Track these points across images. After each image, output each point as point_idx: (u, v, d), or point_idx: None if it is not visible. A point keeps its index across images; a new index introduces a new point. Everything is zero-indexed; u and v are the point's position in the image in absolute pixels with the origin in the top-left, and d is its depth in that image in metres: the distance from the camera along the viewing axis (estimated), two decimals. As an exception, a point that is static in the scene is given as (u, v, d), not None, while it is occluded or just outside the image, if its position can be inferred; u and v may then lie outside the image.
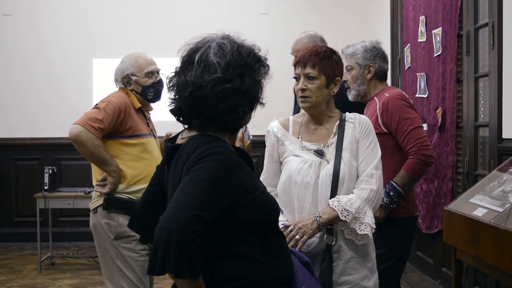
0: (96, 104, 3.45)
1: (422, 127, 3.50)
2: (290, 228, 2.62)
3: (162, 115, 4.03)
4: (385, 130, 3.44)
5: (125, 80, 3.58)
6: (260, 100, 2.05)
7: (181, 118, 2.04)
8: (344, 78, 3.65)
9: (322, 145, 2.72)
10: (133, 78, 3.56)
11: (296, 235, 2.59)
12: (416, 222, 3.74)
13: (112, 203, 3.41)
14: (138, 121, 3.53)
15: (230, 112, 1.93)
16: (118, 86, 3.62)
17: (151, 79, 3.57)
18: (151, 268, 1.73)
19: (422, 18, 5.62)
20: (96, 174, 3.52)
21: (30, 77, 7.75)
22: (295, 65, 2.78)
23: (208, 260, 1.89)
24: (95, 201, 3.49)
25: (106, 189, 3.41)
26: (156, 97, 3.64)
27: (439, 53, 5.19)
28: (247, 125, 5.44)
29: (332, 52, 2.79)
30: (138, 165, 3.46)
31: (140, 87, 3.57)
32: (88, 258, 6.67)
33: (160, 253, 1.69)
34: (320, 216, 2.60)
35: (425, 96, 5.51)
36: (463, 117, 4.89)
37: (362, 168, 2.69)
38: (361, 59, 3.60)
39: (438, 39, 5.20)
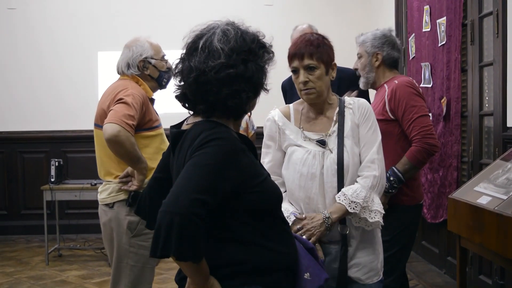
0: (121, 99, 3.18)
1: (429, 116, 3.50)
2: (297, 227, 2.64)
3: (168, 107, 4.05)
4: (391, 117, 3.44)
5: (141, 64, 3.38)
6: (264, 86, 2.07)
7: (186, 104, 2.06)
8: (355, 66, 3.67)
9: (323, 134, 2.72)
10: (152, 61, 3.40)
11: (304, 235, 2.60)
12: (421, 211, 3.75)
13: None
14: (153, 111, 3.40)
15: (233, 97, 1.94)
16: (129, 74, 3.39)
17: (166, 64, 3.44)
18: (153, 251, 1.75)
19: (426, 7, 5.61)
20: (109, 167, 3.36)
21: (36, 70, 7.78)
22: (291, 58, 2.72)
23: (212, 245, 1.91)
24: (113, 196, 3.31)
25: (133, 187, 3.24)
26: (167, 83, 3.48)
27: (444, 42, 5.19)
28: (252, 116, 5.49)
29: (323, 37, 2.76)
30: (160, 158, 3.22)
31: (158, 72, 3.42)
32: (95, 250, 6.72)
33: (162, 236, 1.72)
34: (329, 217, 2.62)
35: (430, 86, 5.51)
36: (467, 106, 4.89)
37: (364, 154, 2.69)
38: (369, 47, 3.61)
39: (443, 29, 5.20)
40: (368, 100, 4.05)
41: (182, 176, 1.82)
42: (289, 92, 4.38)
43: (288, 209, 2.69)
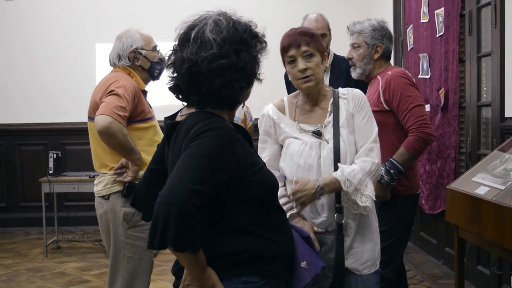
0: (112, 90, 3.18)
1: (423, 105, 3.50)
2: (289, 195, 2.64)
3: (163, 99, 4.04)
4: (386, 108, 3.44)
5: (132, 55, 3.38)
6: (257, 76, 2.07)
7: (180, 96, 2.05)
8: (349, 56, 3.65)
9: (319, 126, 2.73)
10: (143, 52, 3.39)
11: (294, 200, 2.62)
12: (418, 200, 3.75)
13: None
14: (146, 103, 3.40)
15: (226, 87, 1.94)
16: (120, 65, 3.39)
17: (158, 55, 3.44)
18: (151, 243, 1.75)
19: (424, -2, 5.61)
20: (103, 159, 3.37)
21: (34, 63, 7.77)
22: (287, 48, 2.71)
23: (209, 235, 1.91)
24: (108, 188, 3.33)
25: (128, 178, 3.25)
26: (160, 75, 3.48)
27: (442, 33, 5.18)
28: (249, 108, 5.48)
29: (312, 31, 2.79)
30: (153, 150, 3.22)
31: (149, 62, 3.41)
32: (94, 242, 6.73)
33: (159, 228, 1.72)
34: (322, 188, 2.60)
35: (428, 76, 5.51)
36: (465, 97, 4.89)
37: (361, 141, 2.69)
38: (370, 38, 3.57)
39: (441, 20, 5.19)
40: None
41: (178, 167, 1.81)
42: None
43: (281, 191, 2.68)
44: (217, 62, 1.91)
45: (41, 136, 7.78)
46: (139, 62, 3.41)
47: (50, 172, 6.29)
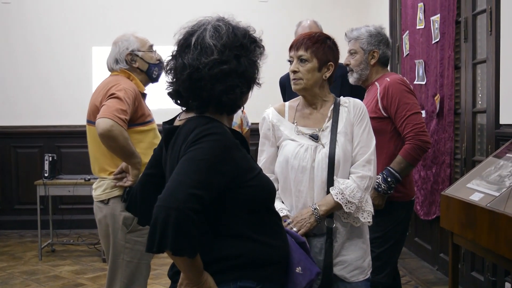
0: (113, 94, 3.18)
1: (421, 113, 3.51)
2: (288, 221, 2.66)
3: (160, 103, 4.05)
4: (384, 115, 3.46)
5: (129, 58, 3.38)
6: (257, 81, 2.08)
7: (178, 101, 2.06)
8: (346, 62, 3.67)
9: (317, 129, 2.75)
10: (139, 54, 3.40)
11: (293, 228, 2.62)
12: (413, 207, 3.76)
13: None
14: (145, 106, 3.40)
15: (227, 93, 1.96)
16: (118, 69, 3.40)
17: (155, 56, 3.45)
18: (149, 246, 1.75)
19: (420, 5, 5.63)
20: (103, 163, 3.36)
21: (30, 65, 7.75)
22: (290, 48, 2.81)
23: (206, 239, 1.92)
24: (108, 192, 3.33)
25: (128, 182, 3.24)
26: (159, 76, 3.47)
27: (437, 40, 5.20)
28: (246, 113, 5.49)
29: (327, 37, 2.81)
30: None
31: (146, 64, 3.42)
32: (88, 245, 6.71)
33: (158, 231, 1.72)
34: (316, 209, 2.64)
35: (423, 83, 5.53)
36: (461, 103, 4.91)
37: (359, 152, 2.71)
38: (366, 44, 3.60)
39: (437, 26, 5.21)
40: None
41: (178, 171, 1.82)
42: (288, 88, 4.37)
43: (281, 210, 2.71)
44: (218, 67, 1.93)
45: (37, 139, 7.77)
46: (136, 64, 3.42)
47: (46, 175, 6.28)
